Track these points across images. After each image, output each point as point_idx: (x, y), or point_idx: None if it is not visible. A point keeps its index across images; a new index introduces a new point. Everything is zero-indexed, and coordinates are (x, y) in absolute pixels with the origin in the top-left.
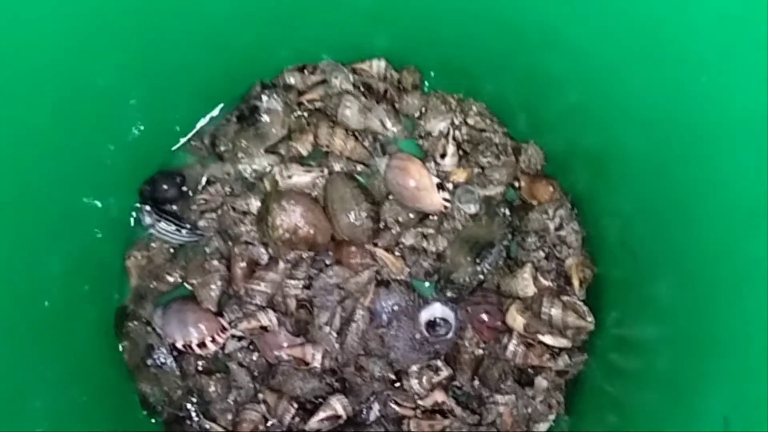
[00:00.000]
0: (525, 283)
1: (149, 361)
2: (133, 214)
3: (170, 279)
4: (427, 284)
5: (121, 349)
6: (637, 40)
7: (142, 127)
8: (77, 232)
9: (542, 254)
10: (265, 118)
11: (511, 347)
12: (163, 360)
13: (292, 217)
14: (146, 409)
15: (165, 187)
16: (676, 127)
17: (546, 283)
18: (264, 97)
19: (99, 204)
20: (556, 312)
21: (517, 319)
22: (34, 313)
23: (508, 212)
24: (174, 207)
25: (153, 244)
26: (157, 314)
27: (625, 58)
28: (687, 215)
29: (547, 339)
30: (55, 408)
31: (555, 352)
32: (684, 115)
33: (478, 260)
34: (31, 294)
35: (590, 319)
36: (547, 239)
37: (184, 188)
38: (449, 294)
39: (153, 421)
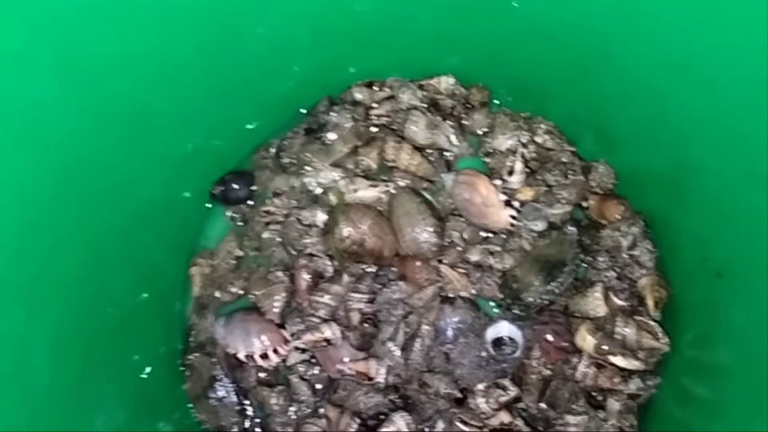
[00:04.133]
0: (596, 303)
1: (210, 394)
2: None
3: (233, 289)
4: (491, 303)
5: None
6: (706, 65)
7: (212, 137)
8: (144, 236)
9: (614, 274)
10: (332, 133)
11: (581, 368)
12: (224, 394)
13: (359, 230)
14: None
15: (236, 186)
16: (758, 142)
17: (619, 302)
18: (332, 113)
19: (169, 206)
20: (630, 332)
21: (587, 340)
22: (96, 320)
23: (576, 231)
24: (244, 207)
25: (217, 254)
26: (220, 324)
27: (697, 80)
28: None
29: (619, 360)
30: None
31: (626, 375)
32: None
33: (549, 279)
34: (97, 300)
35: (665, 340)
36: (618, 259)
37: (254, 188)
38: (515, 312)
39: None
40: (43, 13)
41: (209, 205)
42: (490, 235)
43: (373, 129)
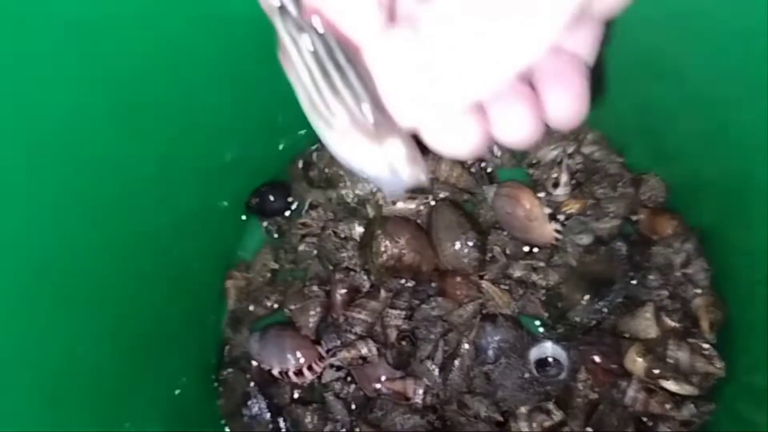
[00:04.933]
0: (647, 324)
1: (244, 410)
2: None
3: (268, 303)
4: (536, 321)
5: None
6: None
7: (249, 147)
8: (182, 245)
9: (666, 293)
10: None
11: (630, 392)
12: (257, 411)
13: (397, 244)
14: None
15: (272, 198)
16: None
17: (671, 323)
18: None
19: (206, 216)
20: (683, 356)
21: (637, 362)
22: (131, 334)
23: (625, 247)
24: (280, 219)
25: (253, 266)
26: (254, 338)
27: (756, 87)
28: None
29: (671, 385)
30: None
31: (679, 400)
32: None
33: (596, 298)
34: (133, 312)
35: (720, 364)
36: (671, 277)
37: (290, 199)
38: (560, 332)
39: None
40: (80, 23)
41: (244, 217)
42: (534, 249)
43: None
